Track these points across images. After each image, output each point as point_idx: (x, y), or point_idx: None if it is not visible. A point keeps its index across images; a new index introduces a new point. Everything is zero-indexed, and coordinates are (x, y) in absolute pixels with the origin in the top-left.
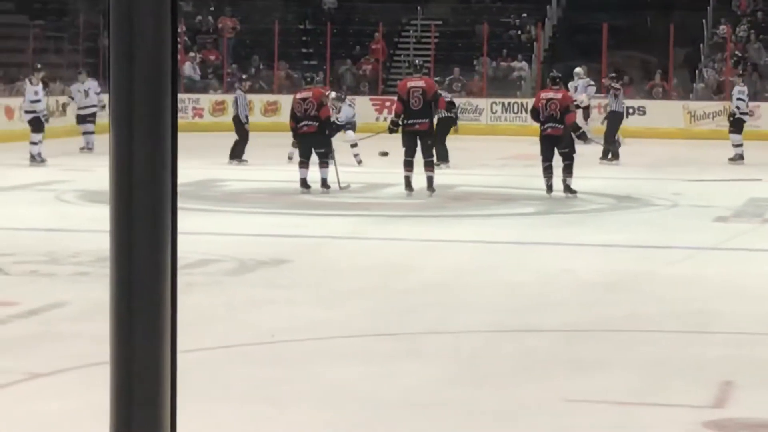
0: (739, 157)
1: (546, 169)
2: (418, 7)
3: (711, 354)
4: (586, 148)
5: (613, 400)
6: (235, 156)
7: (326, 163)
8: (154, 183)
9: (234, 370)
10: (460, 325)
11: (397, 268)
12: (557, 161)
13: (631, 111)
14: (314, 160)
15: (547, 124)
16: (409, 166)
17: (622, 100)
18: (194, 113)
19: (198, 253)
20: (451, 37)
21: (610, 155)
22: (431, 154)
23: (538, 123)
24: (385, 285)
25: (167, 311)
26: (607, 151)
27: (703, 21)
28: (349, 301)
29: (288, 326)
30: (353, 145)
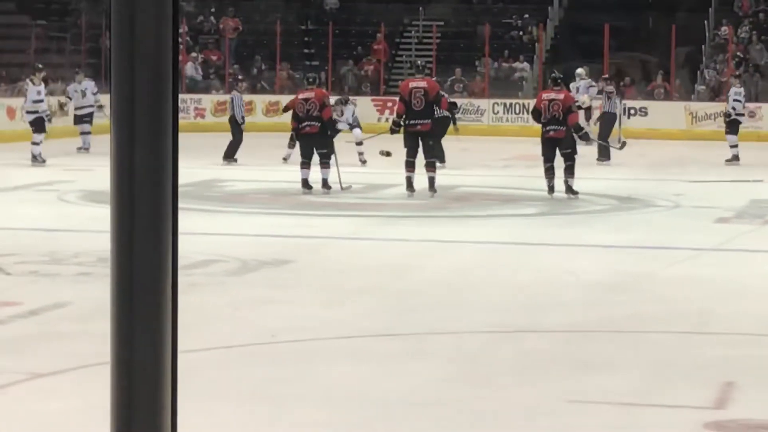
0: (734, 157)
1: (548, 170)
2: (420, 8)
3: (712, 354)
4: (588, 149)
5: (615, 400)
6: (228, 156)
7: (327, 164)
8: (155, 183)
9: (235, 370)
10: (462, 326)
11: (398, 269)
12: (559, 162)
13: (633, 112)
14: (315, 161)
15: (550, 127)
16: (410, 167)
17: (615, 102)
18: (196, 113)
19: (200, 254)
20: (452, 37)
21: (602, 156)
22: (433, 155)
23: (539, 123)
24: (386, 285)
25: (168, 311)
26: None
27: (705, 22)
28: (351, 301)
29: (290, 326)
30: (359, 143)
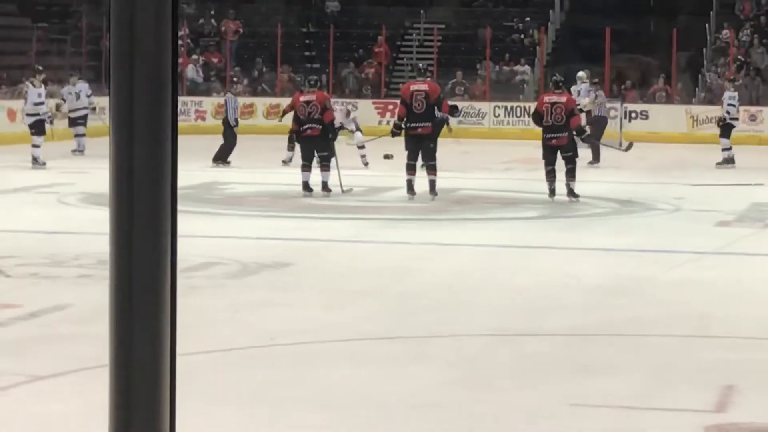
0: (725, 160)
1: (549, 173)
2: (421, 11)
3: (713, 358)
4: (589, 152)
5: (615, 403)
6: (219, 158)
7: (328, 167)
8: (154, 185)
9: (235, 372)
10: (462, 329)
11: (399, 272)
12: (560, 165)
13: (634, 115)
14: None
15: (551, 135)
16: (411, 170)
17: (605, 105)
18: (197, 116)
19: (200, 256)
20: (453, 40)
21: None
22: (433, 158)
23: (540, 127)
24: (387, 288)
25: (167, 314)
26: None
27: (706, 25)
28: (351, 304)
29: (290, 329)
30: (360, 147)
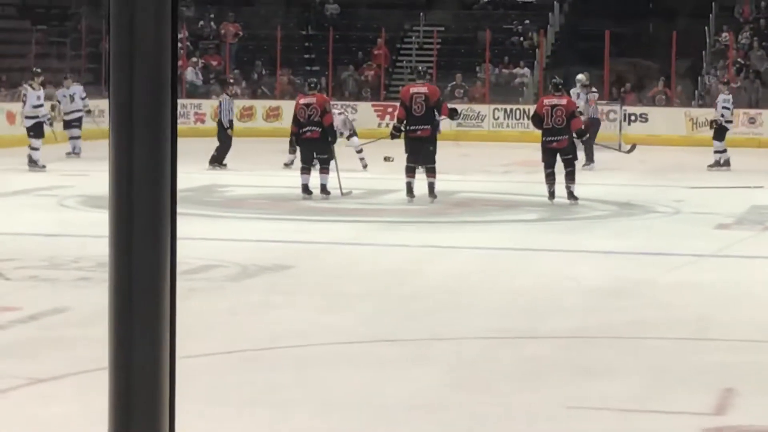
0: (716, 163)
1: (548, 176)
2: (421, 14)
3: (712, 360)
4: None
5: (614, 406)
6: (215, 161)
7: (327, 169)
8: (154, 188)
9: (235, 375)
10: (462, 331)
11: (398, 274)
12: (559, 168)
13: (633, 118)
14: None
15: (551, 138)
16: (410, 172)
17: (597, 108)
18: (196, 118)
19: (199, 259)
20: (453, 43)
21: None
22: (433, 161)
23: (539, 129)
24: (386, 291)
25: (166, 316)
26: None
27: (706, 28)
28: (351, 307)
29: (289, 331)
30: (358, 150)
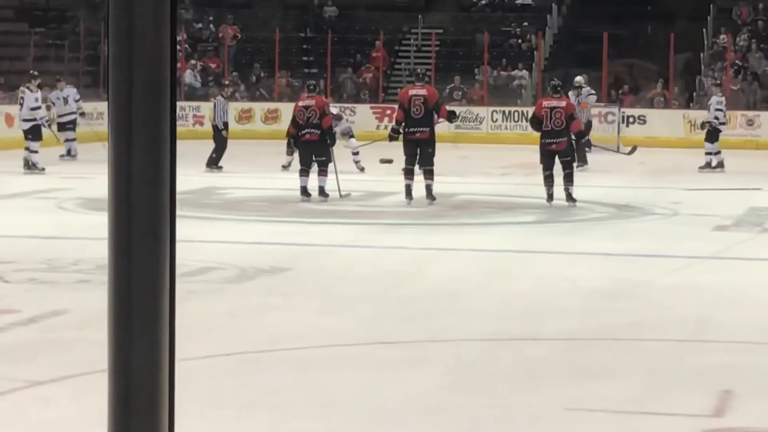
0: (708, 165)
1: (547, 178)
2: (419, 16)
3: (710, 362)
4: (587, 156)
5: (613, 408)
6: (212, 163)
7: (325, 171)
8: (153, 190)
9: (234, 377)
10: (461, 333)
11: (397, 276)
12: (558, 170)
13: (631, 120)
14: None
15: (550, 140)
16: (409, 174)
17: (590, 110)
18: (195, 121)
19: (198, 261)
20: (451, 45)
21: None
22: (431, 163)
23: (538, 132)
24: (385, 293)
25: (165, 319)
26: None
27: (704, 30)
28: (350, 309)
29: (288, 334)
30: (355, 153)
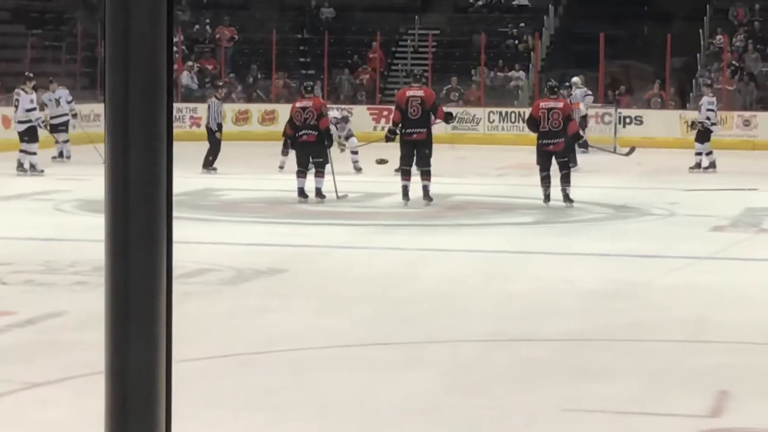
0: (697, 165)
1: (544, 179)
2: (416, 17)
3: (708, 363)
4: (584, 157)
5: (611, 409)
6: (208, 164)
7: (322, 173)
8: (150, 192)
9: (231, 379)
10: (458, 334)
11: (394, 277)
12: (555, 170)
13: (628, 120)
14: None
15: (548, 140)
16: (406, 175)
17: (579, 111)
18: (191, 122)
19: (195, 263)
20: (448, 46)
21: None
22: (428, 164)
23: (534, 132)
24: (382, 294)
25: (162, 320)
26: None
27: (700, 31)
28: (347, 310)
29: (285, 335)
30: (354, 152)
